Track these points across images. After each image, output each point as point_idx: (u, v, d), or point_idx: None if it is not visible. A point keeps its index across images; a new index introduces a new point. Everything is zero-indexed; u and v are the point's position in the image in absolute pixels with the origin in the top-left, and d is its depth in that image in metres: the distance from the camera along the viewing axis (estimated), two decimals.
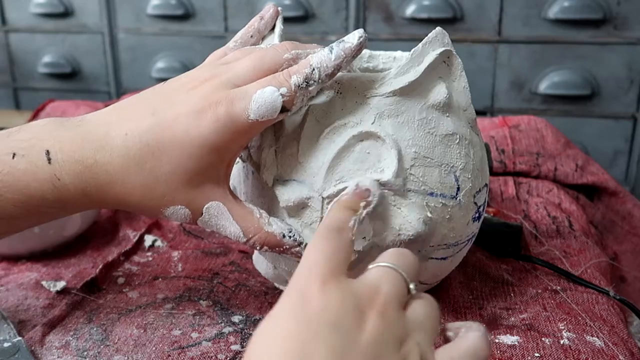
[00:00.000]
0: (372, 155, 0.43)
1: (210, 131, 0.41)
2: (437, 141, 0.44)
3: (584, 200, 0.81)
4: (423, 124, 0.44)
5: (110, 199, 0.43)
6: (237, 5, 1.21)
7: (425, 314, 0.32)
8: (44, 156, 0.42)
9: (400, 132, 0.43)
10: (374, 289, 0.30)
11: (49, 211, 0.44)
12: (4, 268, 0.60)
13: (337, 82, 0.45)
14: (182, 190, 0.42)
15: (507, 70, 1.14)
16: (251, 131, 0.42)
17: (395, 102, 0.44)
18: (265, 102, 0.41)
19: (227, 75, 0.43)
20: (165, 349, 0.47)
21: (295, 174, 0.45)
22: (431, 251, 0.46)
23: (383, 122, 0.43)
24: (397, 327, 0.29)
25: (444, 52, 0.45)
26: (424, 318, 0.31)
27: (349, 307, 0.28)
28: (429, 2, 1.12)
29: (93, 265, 0.60)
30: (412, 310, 0.31)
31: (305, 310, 0.28)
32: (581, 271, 0.58)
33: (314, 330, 0.27)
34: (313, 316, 0.28)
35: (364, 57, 0.56)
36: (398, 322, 0.30)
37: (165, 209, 0.43)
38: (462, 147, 0.45)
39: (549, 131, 0.87)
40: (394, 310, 0.30)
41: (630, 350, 0.47)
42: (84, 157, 0.42)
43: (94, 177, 0.42)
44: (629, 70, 1.09)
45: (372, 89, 0.44)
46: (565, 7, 1.07)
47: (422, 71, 0.44)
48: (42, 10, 1.30)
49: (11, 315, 0.51)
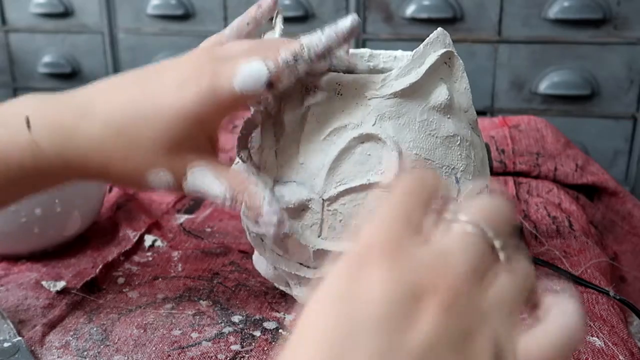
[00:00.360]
0: (373, 157, 0.43)
1: (193, 102, 0.41)
2: (438, 143, 0.44)
3: (584, 200, 0.81)
4: (424, 125, 0.44)
5: (91, 167, 0.43)
6: (237, 5, 1.21)
7: (514, 287, 0.25)
8: (24, 123, 0.42)
9: (401, 134, 0.43)
10: (439, 266, 0.24)
11: (28, 182, 0.44)
12: (4, 268, 0.60)
13: (338, 83, 0.44)
14: (162, 157, 0.42)
15: (507, 70, 1.14)
16: (235, 104, 0.42)
17: (397, 104, 0.44)
18: (251, 74, 0.41)
19: (218, 53, 0.43)
20: (165, 349, 0.47)
21: (296, 176, 0.45)
22: None
23: (384, 123, 0.43)
24: (466, 316, 0.23)
25: (445, 53, 0.45)
26: (511, 294, 0.25)
27: (402, 298, 0.23)
28: (429, 2, 1.12)
29: (93, 265, 0.60)
30: (496, 284, 0.25)
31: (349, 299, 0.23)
32: (581, 271, 0.58)
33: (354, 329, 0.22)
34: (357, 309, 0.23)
35: (364, 56, 0.56)
36: (468, 309, 0.23)
37: (148, 175, 0.43)
38: (463, 148, 0.45)
39: (549, 131, 0.87)
40: (465, 293, 0.23)
41: (630, 350, 0.47)
42: (64, 122, 0.42)
43: (74, 143, 0.42)
44: (629, 70, 1.09)
45: (373, 90, 0.44)
46: (565, 7, 1.07)
47: (423, 73, 0.44)
48: (42, 10, 1.30)
49: (11, 315, 0.51)
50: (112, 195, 0.75)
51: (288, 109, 0.46)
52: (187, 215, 0.73)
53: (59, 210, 0.59)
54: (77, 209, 0.61)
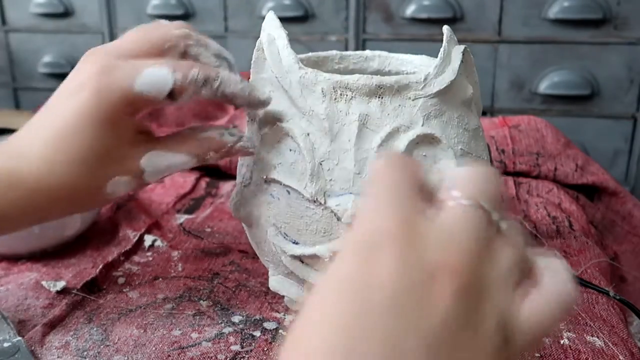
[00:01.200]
0: (429, 158, 0.43)
1: (91, 104, 0.40)
2: (471, 136, 0.46)
3: (584, 200, 0.81)
4: (460, 121, 0.45)
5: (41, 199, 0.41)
6: (237, 5, 1.21)
7: (514, 260, 0.25)
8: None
9: (446, 131, 0.44)
10: (448, 245, 0.24)
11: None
12: (4, 268, 0.60)
13: (379, 86, 0.43)
14: (100, 170, 0.41)
15: (507, 70, 1.14)
16: (136, 103, 0.41)
17: (439, 102, 0.44)
18: (157, 79, 0.40)
19: (109, 48, 0.42)
20: (165, 349, 0.47)
21: (352, 187, 0.43)
22: None
23: (431, 122, 0.44)
24: (477, 292, 0.23)
25: (464, 49, 0.46)
26: (512, 263, 0.25)
27: (415, 279, 0.22)
28: (429, 2, 1.12)
29: (93, 265, 0.60)
30: (501, 257, 0.25)
31: (361, 282, 0.23)
32: (581, 271, 0.58)
33: (368, 312, 0.22)
34: (370, 292, 0.22)
35: (335, 58, 0.55)
36: (479, 285, 0.23)
37: (103, 188, 0.42)
38: (483, 139, 0.47)
39: (549, 131, 0.87)
40: (475, 269, 0.23)
41: (630, 350, 0.47)
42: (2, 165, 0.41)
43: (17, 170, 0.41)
44: (629, 70, 1.09)
45: (415, 91, 0.43)
46: (565, 7, 1.07)
47: (457, 69, 0.44)
48: (42, 10, 1.30)
49: (11, 315, 0.51)
50: None
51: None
52: (187, 215, 0.73)
53: None
54: None
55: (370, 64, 0.54)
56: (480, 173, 0.26)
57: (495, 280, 0.24)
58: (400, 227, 0.24)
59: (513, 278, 0.25)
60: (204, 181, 0.84)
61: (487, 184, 0.26)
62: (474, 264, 0.23)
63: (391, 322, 0.22)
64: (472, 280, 0.23)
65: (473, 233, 0.24)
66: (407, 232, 0.24)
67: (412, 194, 0.26)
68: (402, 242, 0.23)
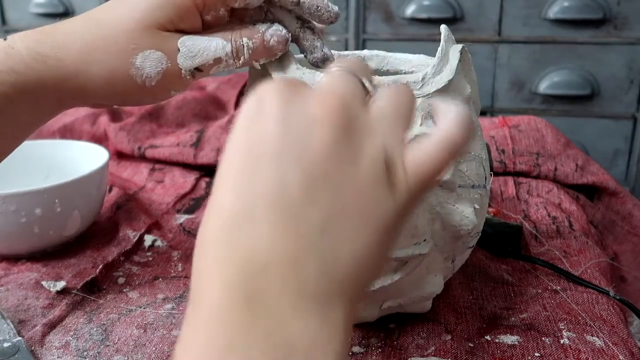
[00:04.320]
0: None
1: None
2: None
3: (584, 200, 0.81)
4: None
5: (70, 59, 0.42)
6: None
7: (392, 104, 0.29)
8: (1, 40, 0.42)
9: None
10: (325, 95, 0.27)
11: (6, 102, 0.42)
12: (4, 268, 0.60)
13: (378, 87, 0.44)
14: (148, 37, 0.42)
15: (507, 70, 1.14)
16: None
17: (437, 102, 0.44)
18: None
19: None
20: (165, 349, 0.47)
21: None
22: (470, 240, 0.47)
23: (429, 122, 0.44)
24: (354, 131, 0.27)
25: (462, 48, 0.46)
26: (391, 109, 0.28)
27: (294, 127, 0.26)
28: (429, 2, 1.12)
29: (93, 265, 0.60)
30: (375, 105, 0.28)
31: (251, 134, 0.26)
32: (581, 271, 0.58)
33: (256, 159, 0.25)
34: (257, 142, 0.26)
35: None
36: (355, 125, 0.27)
37: (135, 57, 0.42)
38: (481, 137, 0.47)
39: (549, 131, 0.87)
40: (350, 112, 0.27)
41: (630, 350, 0.47)
42: (43, 29, 0.43)
43: (51, 37, 0.42)
44: (629, 70, 1.09)
45: (413, 90, 0.43)
46: (565, 7, 1.07)
47: (455, 69, 0.44)
48: (42, 10, 1.30)
49: (11, 315, 0.51)
50: (112, 195, 0.75)
51: None
52: (187, 215, 0.73)
53: (59, 210, 0.59)
54: (77, 209, 0.61)
55: (369, 63, 0.54)
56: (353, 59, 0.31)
57: (374, 121, 0.27)
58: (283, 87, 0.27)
59: (394, 119, 0.28)
60: (204, 181, 0.83)
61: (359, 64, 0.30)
62: (349, 107, 0.27)
63: (275, 165, 0.25)
64: (345, 120, 0.26)
65: (347, 85, 0.28)
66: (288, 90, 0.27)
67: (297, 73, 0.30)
68: (282, 99, 0.27)
